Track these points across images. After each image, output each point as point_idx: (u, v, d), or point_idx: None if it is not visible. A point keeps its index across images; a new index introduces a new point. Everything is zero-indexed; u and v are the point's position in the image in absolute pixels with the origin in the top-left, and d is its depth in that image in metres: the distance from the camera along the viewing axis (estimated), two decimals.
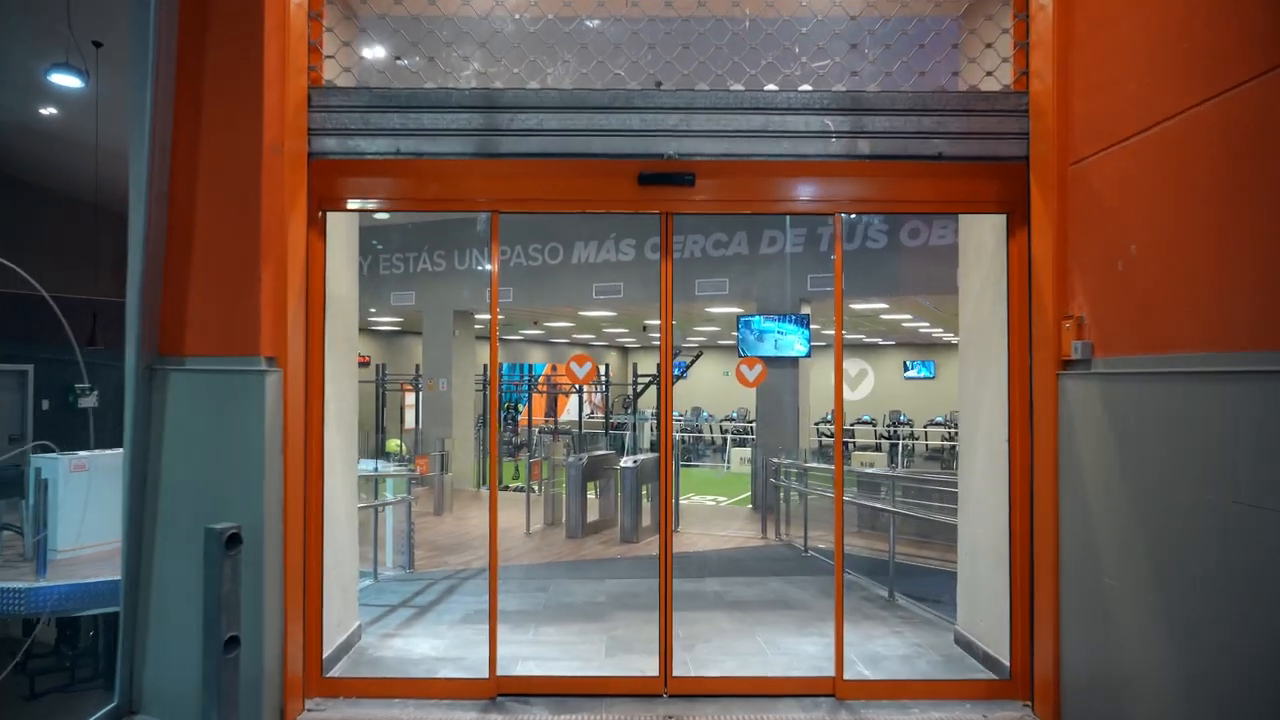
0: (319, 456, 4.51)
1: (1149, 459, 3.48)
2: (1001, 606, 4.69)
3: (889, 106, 4.39)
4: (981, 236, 5.09)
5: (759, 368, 5.64)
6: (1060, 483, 4.12)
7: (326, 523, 4.74)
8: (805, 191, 4.60)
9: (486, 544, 10.87)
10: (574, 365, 5.29)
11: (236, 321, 4.03)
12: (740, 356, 14.55)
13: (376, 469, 9.13)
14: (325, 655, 4.70)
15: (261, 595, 3.94)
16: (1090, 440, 3.88)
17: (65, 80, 7.28)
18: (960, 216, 5.52)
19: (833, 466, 13.98)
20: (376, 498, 8.80)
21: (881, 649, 5.53)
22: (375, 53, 4.94)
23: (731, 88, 4.44)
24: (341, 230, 5.11)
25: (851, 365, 31.31)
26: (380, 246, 17.35)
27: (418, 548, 10.37)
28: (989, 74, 4.49)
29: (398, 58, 4.55)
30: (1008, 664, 4.60)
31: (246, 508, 3.94)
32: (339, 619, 5.16)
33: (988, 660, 4.97)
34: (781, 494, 11.57)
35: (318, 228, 4.49)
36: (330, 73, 4.50)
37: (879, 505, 8.18)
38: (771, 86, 4.49)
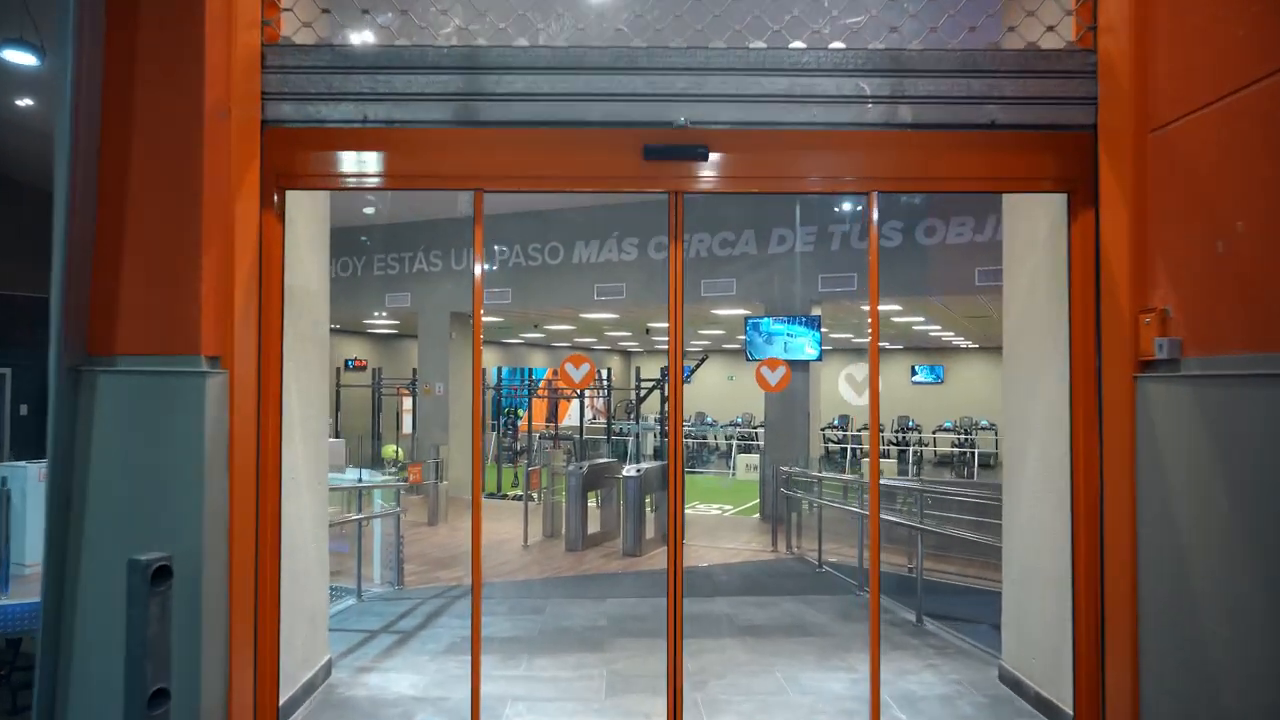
0: (275, 470, 3.91)
1: (1268, 477, 2.87)
2: (1060, 641, 4.08)
3: (934, 67, 3.79)
4: (1033, 221, 4.50)
5: (782, 369, 5.04)
6: (1139, 502, 3.52)
7: (289, 546, 4.15)
8: (836, 166, 4.01)
9: (485, 556, 10.24)
10: (569, 367, 4.70)
11: (173, 315, 3.43)
12: (749, 360, 13.96)
13: (360, 479, 8.52)
14: (285, 699, 4.10)
15: (199, 637, 3.33)
16: (1180, 454, 3.28)
17: (19, 57, 6.70)
18: (1005, 200, 4.91)
19: (848, 476, 13.29)
20: (361, 510, 8.19)
21: (917, 687, 4.92)
22: (340, 4, 4.35)
23: (751, 46, 3.84)
24: (306, 213, 4.53)
25: (858, 370, 30.69)
26: (373, 245, 16.79)
27: (408, 561, 9.79)
28: (1049, 29, 3.89)
29: (365, 10, 3.96)
30: (1070, 710, 3.98)
31: (182, 533, 3.34)
32: (304, 654, 4.56)
33: (1042, 703, 4.36)
34: (794, 505, 10.96)
35: (274, 208, 3.90)
36: (288, 28, 3.91)
37: (908, 523, 7.55)
38: (798, 44, 3.89)
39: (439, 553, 10.75)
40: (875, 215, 4.04)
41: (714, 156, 3.92)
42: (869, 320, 4.10)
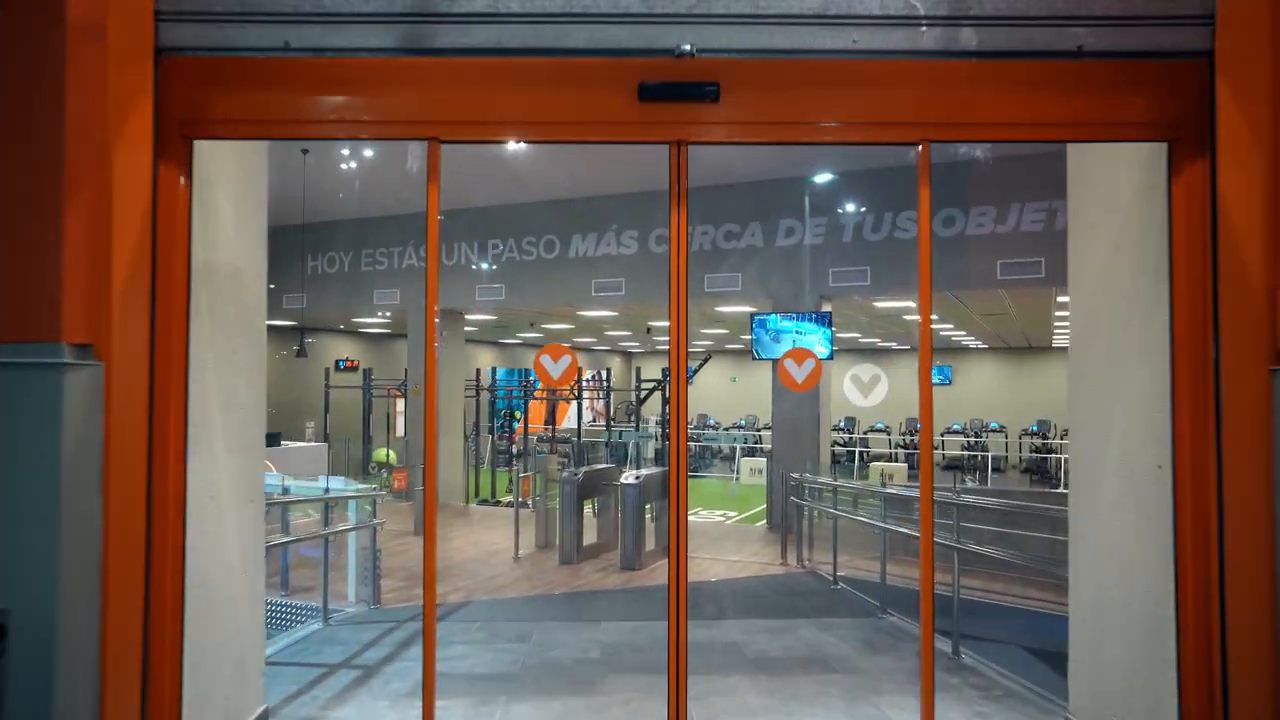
0: (178, 489, 3.13)
1: None
2: (1155, 695, 3.29)
3: None
4: (1112, 181, 3.69)
5: (811, 363, 4.24)
6: None
7: (205, 580, 3.38)
8: (880, 109, 3.22)
9: (471, 570, 9.39)
10: (545, 360, 3.90)
11: (24, 292, 2.66)
12: (755, 359, 13.18)
13: (327, 489, 7.73)
14: None
15: (48, 712, 2.55)
16: None
17: None
18: (1070, 157, 4.09)
19: (870, 484, 12.41)
20: (328, 522, 7.41)
21: None
22: None
23: None
24: (231, 172, 3.73)
25: (864, 371, 29.90)
26: (361, 239, 16.04)
27: (389, 576, 9.04)
28: None
29: None
30: None
31: (29, 574, 2.56)
32: (228, 709, 3.76)
33: None
34: (804, 514, 10.15)
35: (177, 160, 3.11)
36: None
37: (943, 541, 6.75)
38: None
39: (423, 566, 9.95)
40: (928, 169, 3.24)
41: (727, 97, 3.13)
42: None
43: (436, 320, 3.39)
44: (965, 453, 25.28)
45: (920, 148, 3.23)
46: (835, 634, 6.46)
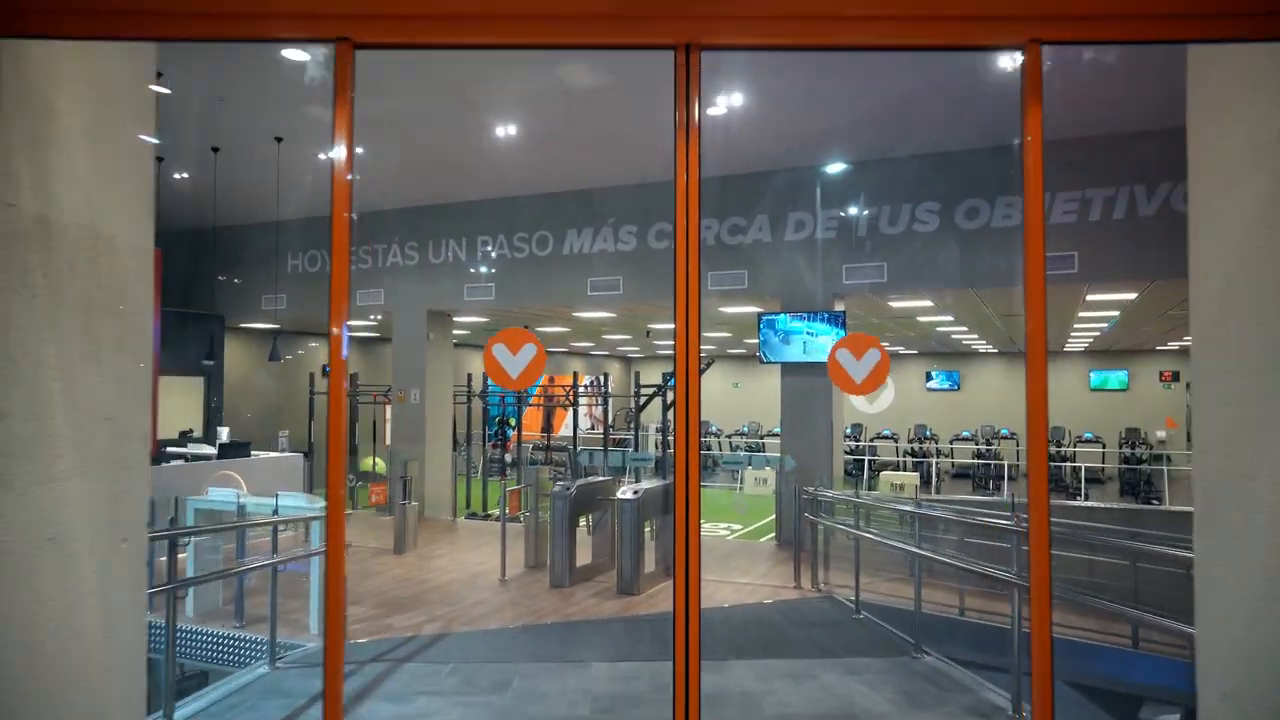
0: None
1: None
2: None
3: None
4: (1264, 109, 2.76)
5: (874, 355, 3.29)
6: None
7: (45, 653, 2.46)
8: None
9: (453, 594, 8.38)
10: (499, 351, 2.97)
11: None
12: (762, 362, 12.25)
13: (276, 511, 6.78)
14: None
15: None
16: None
17: None
18: (1191, 83, 3.11)
19: (878, 496, 11.34)
20: (276, 551, 6.46)
21: None
22: None
23: None
24: (87, 92, 2.78)
25: None
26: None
27: (359, 603, 8.13)
28: None
29: None
30: None
31: None
32: None
33: None
34: (820, 532, 9.20)
35: None
36: None
37: (1001, 572, 5.78)
38: None
39: (398, 590, 9.00)
40: (1039, 76, 2.30)
41: None
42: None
43: (348, 312, 2.45)
44: (977, 461, 24.39)
45: (1028, 51, 2.29)
46: (866, 680, 5.52)
